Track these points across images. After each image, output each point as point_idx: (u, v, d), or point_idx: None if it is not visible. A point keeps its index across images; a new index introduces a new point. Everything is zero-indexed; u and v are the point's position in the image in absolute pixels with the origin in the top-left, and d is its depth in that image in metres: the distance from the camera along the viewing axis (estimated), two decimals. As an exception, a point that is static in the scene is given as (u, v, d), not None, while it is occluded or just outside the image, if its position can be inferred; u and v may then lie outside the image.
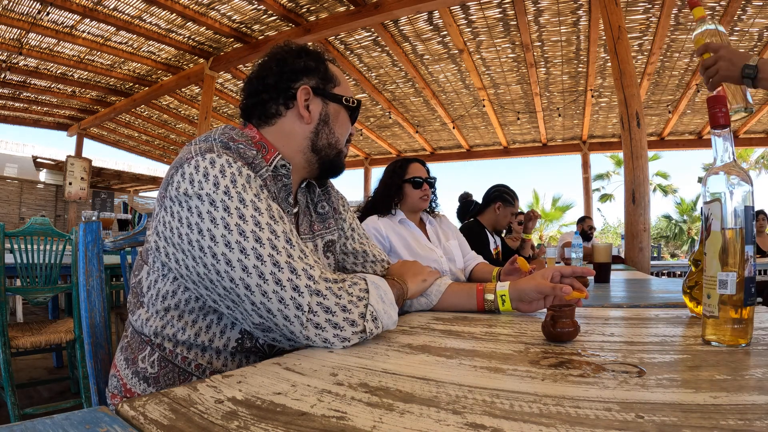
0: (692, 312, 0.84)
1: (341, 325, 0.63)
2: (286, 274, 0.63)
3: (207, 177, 0.67)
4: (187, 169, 0.68)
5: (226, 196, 0.65)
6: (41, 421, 0.35)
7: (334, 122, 0.87)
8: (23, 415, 1.83)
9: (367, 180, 9.64)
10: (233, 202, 0.65)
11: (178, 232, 0.67)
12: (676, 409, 0.37)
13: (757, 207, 5.28)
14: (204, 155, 0.69)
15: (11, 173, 9.87)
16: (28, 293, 2.10)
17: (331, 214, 0.98)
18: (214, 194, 0.65)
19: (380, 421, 0.36)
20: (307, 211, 0.92)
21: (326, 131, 0.86)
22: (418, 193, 1.90)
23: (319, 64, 0.87)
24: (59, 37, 5.15)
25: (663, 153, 13.17)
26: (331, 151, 0.87)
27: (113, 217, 5.35)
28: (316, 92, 0.85)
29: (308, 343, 0.63)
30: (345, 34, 5.02)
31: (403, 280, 0.87)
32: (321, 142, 0.86)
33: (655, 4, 4.21)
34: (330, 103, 0.86)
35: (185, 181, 0.67)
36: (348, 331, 0.63)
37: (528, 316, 0.89)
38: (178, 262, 0.69)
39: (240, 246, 0.63)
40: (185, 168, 0.68)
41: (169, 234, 0.69)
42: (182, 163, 0.69)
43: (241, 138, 0.78)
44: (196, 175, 0.67)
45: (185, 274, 0.69)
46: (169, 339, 0.73)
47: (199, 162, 0.68)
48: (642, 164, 3.23)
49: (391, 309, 0.69)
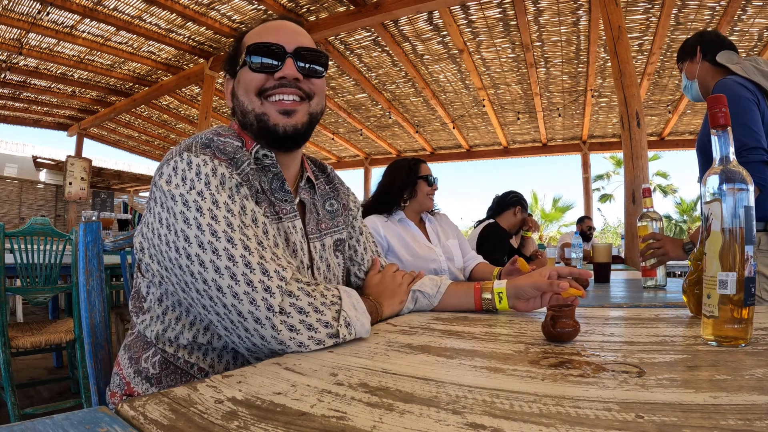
0: (692, 312, 0.84)
1: (315, 326, 0.61)
2: (257, 275, 0.61)
3: (184, 178, 0.66)
4: (166, 170, 0.68)
5: (199, 197, 0.65)
6: (41, 421, 0.35)
7: (237, 89, 0.81)
8: (23, 415, 1.83)
9: (367, 180, 9.64)
10: (206, 203, 0.64)
11: (157, 233, 0.67)
12: (676, 409, 0.37)
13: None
14: (182, 155, 0.68)
15: (11, 173, 9.86)
16: (28, 293, 2.10)
17: (341, 211, 0.95)
18: (188, 195, 0.65)
19: (380, 421, 0.36)
20: (314, 209, 0.89)
21: (236, 103, 0.81)
22: (428, 191, 1.93)
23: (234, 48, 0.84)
24: (59, 37, 5.16)
25: (663, 153, 13.16)
26: (248, 117, 0.79)
27: (113, 217, 5.35)
28: (230, 75, 0.84)
29: (281, 349, 0.60)
30: (345, 34, 5.02)
31: (379, 302, 0.84)
32: (239, 116, 0.81)
33: (655, 4, 4.21)
34: (237, 75, 0.82)
35: (163, 180, 0.67)
36: (322, 333, 0.61)
37: (528, 316, 0.89)
38: (159, 263, 0.68)
39: (212, 247, 0.62)
40: (164, 169, 0.69)
41: (150, 235, 0.69)
42: (163, 164, 0.70)
43: (227, 132, 0.77)
44: (174, 176, 0.67)
45: (165, 276, 0.69)
46: (171, 343, 0.73)
47: (177, 162, 0.68)
48: (642, 164, 3.23)
49: (363, 317, 0.67)
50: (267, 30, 0.81)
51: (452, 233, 2.07)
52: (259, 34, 0.81)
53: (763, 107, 1.43)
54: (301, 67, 0.79)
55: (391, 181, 1.94)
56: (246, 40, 0.82)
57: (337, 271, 0.92)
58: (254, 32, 0.82)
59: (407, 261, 1.81)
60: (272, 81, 0.78)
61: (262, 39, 0.79)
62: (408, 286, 0.93)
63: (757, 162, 1.34)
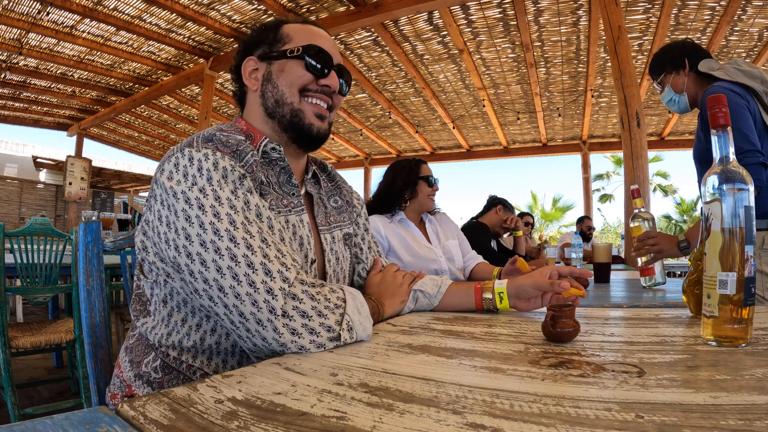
0: (692, 312, 0.84)
1: (318, 330, 0.61)
2: (260, 276, 0.60)
3: (185, 174, 0.65)
4: (167, 166, 0.67)
5: (201, 194, 0.64)
6: (41, 421, 0.35)
7: (277, 77, 0.81)
8: (23, 415, 1.83)
9: (367, 180, 9.63)
10: (208, 199, 0.63)
11: (157, 230, 0.66)
12: (676, 409, 0.37)
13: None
14: (183, 151, 0.68)
15: (11, 173, 9.86)
16: (28, 293, 2.10)
17: (345, 207, 0.96)
18: (190, 192, 0.64)
19: (380, 421, 0.36)
20: (321, 203, 0.90)
21: (270, 89, 0.81)
22: (429, 191, 1.93)
23: (269, 32, 0.84)
24: (59, 37, 5.15)
25: (663, 153, 13.16)
26: (282, 108, 0.80)
27: (113, 217, 5.35)
28: (262, 58, 0.83)
29: (281, 350, 0.60)
30: (345, 34, 5.02)
31: (380, 302, 0.84)
32: (268, 102, 0.81)
33: (655, 4, 4.21)
34: (274, 62, 0.82)
35: (164, 177, 0.67)
36: (324, 337, 0.61)
37: (528, 316, 0.89)
38: (163, 261, 0.68)
39: (215, 246, 0.61)
40: (165, 165, 0.68)
41: (151, 233, 0.68)
42: (164, 161, 0.69)
43: (230, 128, 0.77)
44: (175, 172, 0.66)
45: (171, 272, 0.68)
46: (174, 347, 0.72)
47: (178, 159, 0.67)
48: (642, 164, 3.23)
49: (366, 321, 0.67)
50: (317, 35, 0.85)
51: (452, 233, 2.07)
52: (310, 35, 0.83)
53: (753, 108, 1.44)
54: (340, 81, 0.85)
55: (391, 181, 1.94)
56: (291, 32, 0.83)
57: (345, 264, 0.92)
58: (301, 30, 0.84)
59: (408, 261, 1.81)
60: (315, 85, 0.82)
61: (315, 42, 0.82)
62: (409, 285, 0.93)
63: (754, 164, 1.35)
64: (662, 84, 1.68)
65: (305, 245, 0.80)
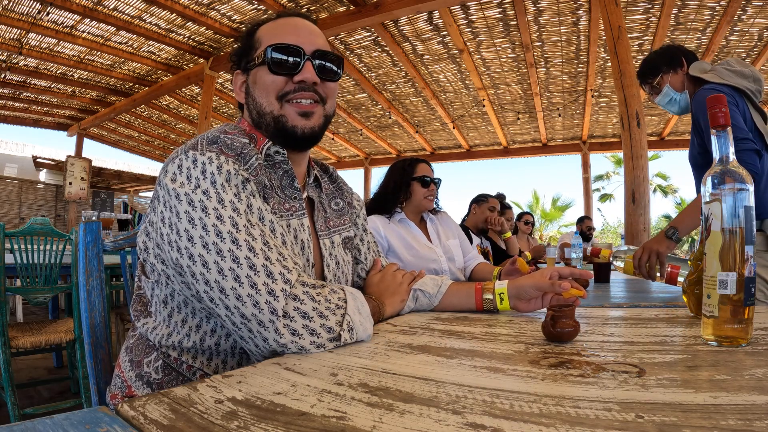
0: (692, 312, 0.84)
1: (318, 331, 0.61)
2: (261, 278, 0.61)
3: (189, 176, 0.65)
4: (171, 168, 0.67)
5: (204, 196, 0.64)
6: (41, 421, 0.35)
7: (254, 88, 0.80)
8: (23, 415, 1.83)
9: (367, 180, 9.64)
10: (211, 202, 0.63)
11: (160, 232, 0.66)
12: (676, 409, 0.37)
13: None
14: (187, 153, 0.67)
15: (11, 173, 9.86)
16: (28, 293, 2.10)
17: (347, 209, 0.96)
18: (193, 194, 0.64)
19: (380, 421, 0.36)
20: (321, 207, 0.90)
21: (251, 102, 0.81)
22: (424, 192, 1.92)
23: (246, 40, 0.82)
24: (59, 37, 5.16)
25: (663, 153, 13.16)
26: (265, 119, 0.79)
27: (113, 217, 5.35)
28: (244, 70, 0.83)
29: (281, 351, 0.60)
30: (345, 34, 5.02)
31: (381, 301, 0.84)
32: (253, 114, 0.81)
33: (655, 4, 4.21)
34: (250, 72, 0.80)
35: (167, 179, 0.67)
36: (324, 338, 0.61)
37: (528, 316, 0.89)
38: (164, 262, 0.68)
39: (217, 248, 0.61)
40: (169, 167, 0.68)
41: (154, 234, 0.68)
42: (168, 162, 0.69)
43: (234, 130, 0.77)
44: (179, 174, 0.66)
45: (171, 275, 0.68)
46: (174, 347, 0.72)
47: (182, 160, 0.67)
48: (642, 164, 3.23)
49: (367, 322, 0.67)
50: (284, 28, 0.80)
51: (453, 233, 2.07)
52: (276, 32, 0.79)
53: (742, 107, 1.44)
54: (318, 70, 0.78)
55: (387, 182, 1.95)
56: (261, 35, 0.80)
57: (346, 268, 0.92)
58: (269, 29, 0.81)
59: (408, 261, 1.81)
60: (291, 84, 0.78)
61: (280, 39, 0.77)
62: (409, 284, 0.93)
63: (748, 150, 1.36)
64: (660, 85, 1.67)
65: (306, 249, 0.80)
